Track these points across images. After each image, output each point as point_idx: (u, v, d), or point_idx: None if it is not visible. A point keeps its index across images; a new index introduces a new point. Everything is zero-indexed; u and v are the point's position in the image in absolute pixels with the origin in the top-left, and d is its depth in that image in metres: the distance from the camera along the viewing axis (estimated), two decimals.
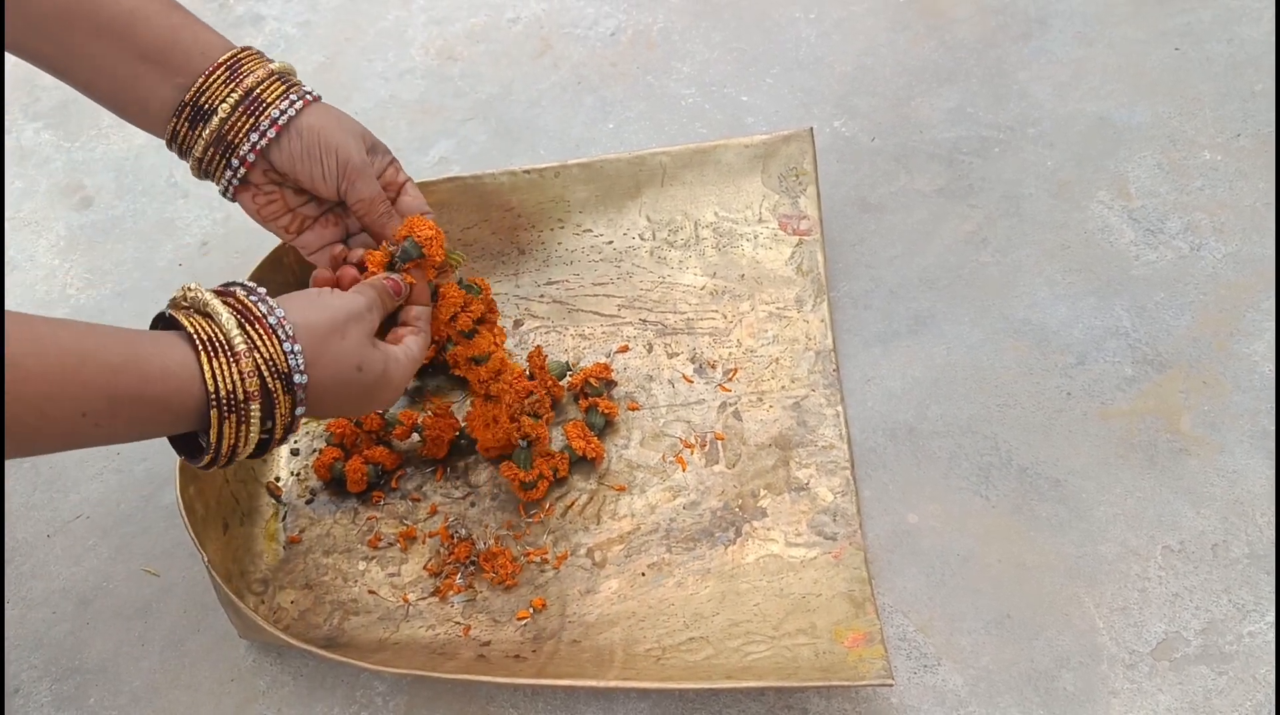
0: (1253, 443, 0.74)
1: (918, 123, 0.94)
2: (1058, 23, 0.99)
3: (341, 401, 0.62)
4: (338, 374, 0.61)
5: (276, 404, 0.57)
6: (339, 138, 0.68)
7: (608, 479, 0.78)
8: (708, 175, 0.87)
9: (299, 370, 0.58)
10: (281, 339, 0.57)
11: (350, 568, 0.75)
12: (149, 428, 0.55)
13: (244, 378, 0.55)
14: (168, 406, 0.54)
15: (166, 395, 0.54)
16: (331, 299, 0.62)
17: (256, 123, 0.66)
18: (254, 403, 0.56)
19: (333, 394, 0.61)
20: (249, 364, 0.56)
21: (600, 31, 1.07)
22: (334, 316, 0.61)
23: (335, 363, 0.60)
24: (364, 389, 0.63)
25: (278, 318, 0.58)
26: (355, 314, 0.62)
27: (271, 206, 0.71)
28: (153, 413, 0.54)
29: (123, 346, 0.53)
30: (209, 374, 0.55)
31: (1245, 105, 0.91)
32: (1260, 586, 0.69)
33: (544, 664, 0.68)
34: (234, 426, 0.56)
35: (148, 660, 0.74)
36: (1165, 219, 0.86)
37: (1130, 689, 0.66)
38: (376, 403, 0.65)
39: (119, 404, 0.52)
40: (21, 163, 1.04)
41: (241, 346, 0.56)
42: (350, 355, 0.61)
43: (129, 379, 0.52)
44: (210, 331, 0.56)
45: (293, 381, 0.57)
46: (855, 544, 0.72)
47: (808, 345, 0.81)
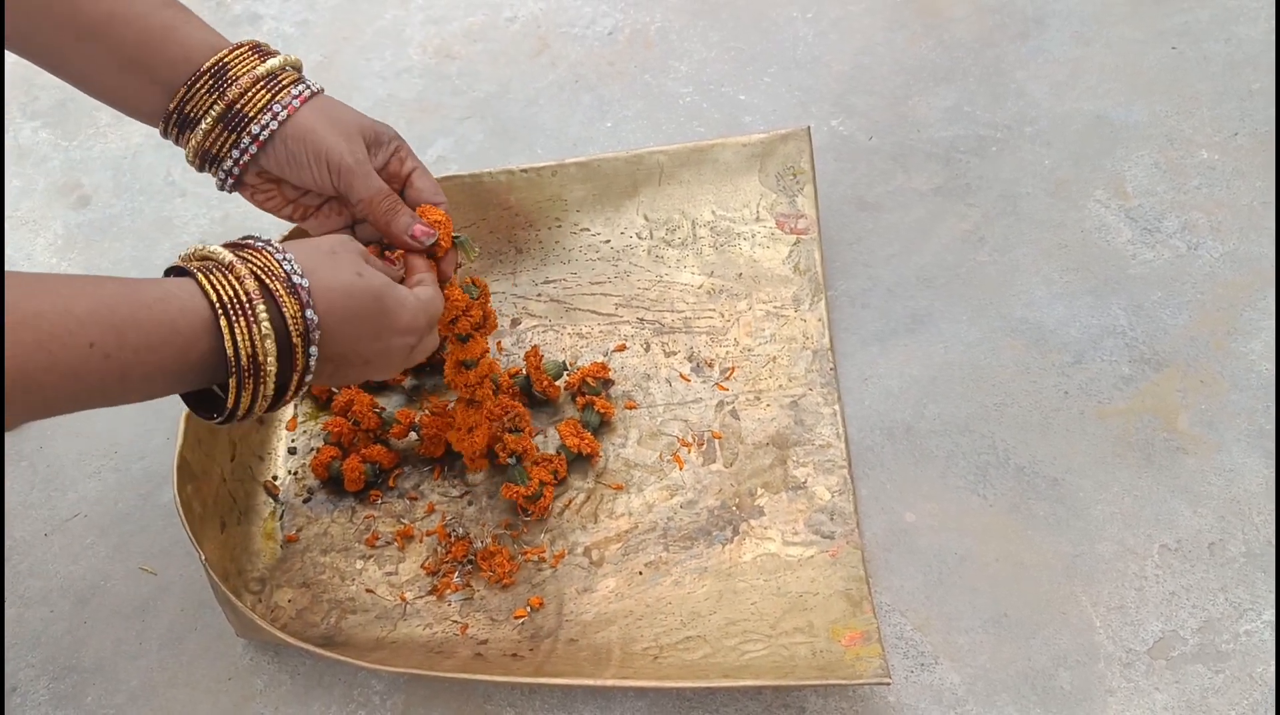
0: (1250, 441, 0.74)
1: (915, 122, 0.95)
2: (1055, 22, 0.99)
3: (354, 316, 0.60)
4: (339, 279, 0.59)
5: (283, 304, 0.56)
6: (329, 141, 0.66)
7: (605, 478, 0.78)
8: (705, 174, 0.87)
9: (296, 272, 0.57)
10: (274, 252, 0.57)
11: (348, 566, 0.75)
12: (164, 357, 0.53)
13: (242, 281, 0.55)
14: (175, 328, 0.53)
15: (171, 315, 0.53)
16: (320, 237, 0.63)
17: (238, 139, 0.65)
18: (258, 303, 0.55)
19: (341, 304, 0.59)
20: (244, 270, 0.55)
21: (598, 30, 1.07)
22: (321, 241, 0.61)
23: (332, 272, 0.59)
24: (374, 303, 0.60)
25: (265, 240, 0.58)
26: (341, 238, 0.62)
27: (271, 202, 0.70)
28: (162, 336, 0.53)
29: (115, 282, 0.53)
30: (207, 286, 0.54)
31: (1242, 104, 0.91)
32: (1257, 585, 0.69)
33: (541, 663, 0.68)
34: (246, 330, 0.55)
35: (145, 659, 0.74)
36: (1162, 218, 0.86)
37: (1127, 688, 0.66)
38: (392, 333, 0.62)
39: (124, 331, 0.51)
40: (19, 161, 1.04)
41: (232, 258, 0.56)
42: (346, 265, 0.60)
43: (128, 306, 0.52)
44: (202, 263, 0.56)
45: (293, 282, 0.56)
46: (852, 543, 0.72)
47: (805, 344, 0.81)
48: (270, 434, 0.82)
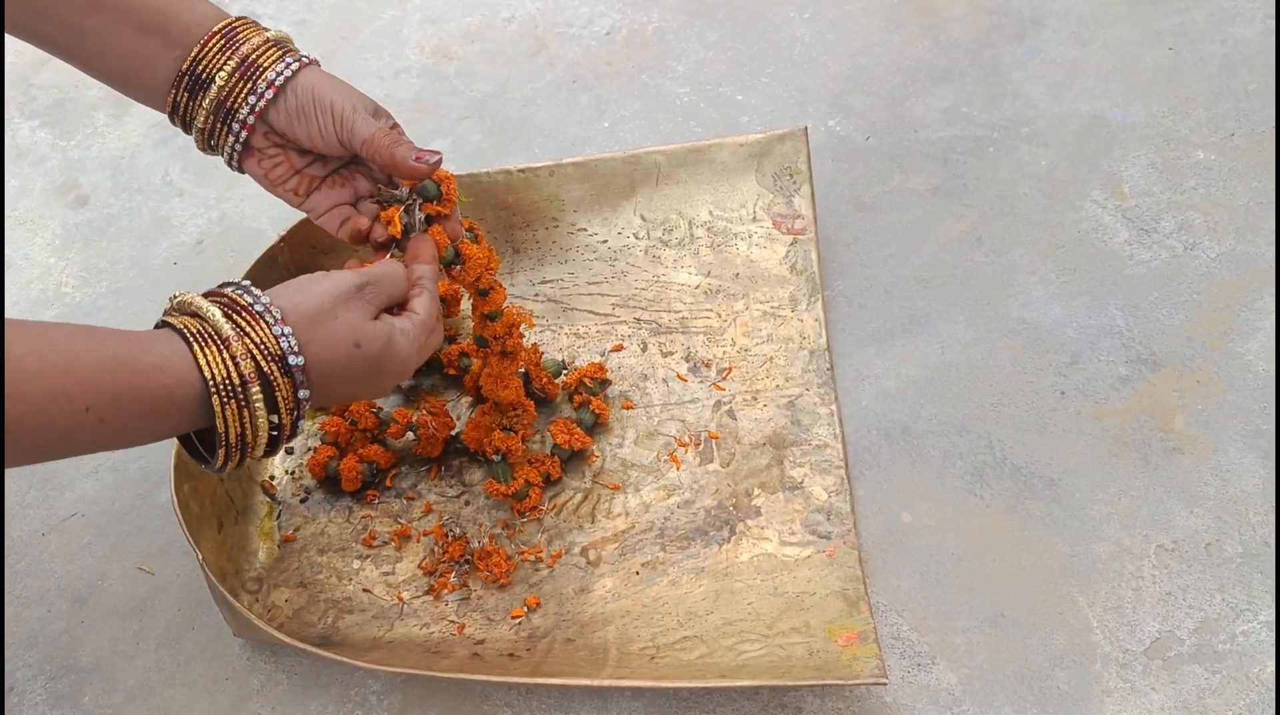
0: (1246, 442, 0.74)
1: (912, 122, 0.95)
2: (1052, 22, 0.99)
3: (350, 382, 0.62)
4: (336, 353, 0.60)
5: (276, 387, 0.57)
6: (334, 94, 0.68)
7: (602, 478, 0.78)
8: (702, 174, 0.87)
9: (292, 351, 0.57)
10: (271, 323, 0.57)
11: (345, 566, 0.75)
12: (157, 423, 0.55)
13: (237, 362, 0.56)
14: (170, 399, 0.55)
15: (167, 387, 0.54)
16: (321, 281, 0.62)
17: (254, 86, 0.67)
18: (253, 386, 0.56)
19: (338, 375, 0.60)
20: (240, 348, 0.56)
21: (595, 30, 1.07)
22: (321, 299, 0.60)
23: (330, 342, 0.60)
24: (370, 365, 0.62)
25: (264, 304, 0.58)
26: (344, 293, 0.61)
27: (278, 169, 0.71)
28: (156, 405, 0.54)
29: (117, 342, 0.54)
30: (203, 362, 0.55)
31: (1239, 105, 0.91)
32: (1253, 585, 0.69)
33: (538, 663, 0.68)
34: (237, 413, 0.56)
35: (142, 658, 0.74)
36: (1159, 218, 0.86)
37: (1124, 688, 0.66)
38: (390, 377, 0.64)
39: (121, 398, 0.53)
40: (17, 161, 1.04)
41: (229, 332, 0.56)
42: (345, 333, 0.60)
43: (128, 373, 0.53)
44: (199, 326, 0.57)
45: (288, 363, 0.57)
46: (849, 543, 0.72)
47: (802, 344, 0.81)
48: None
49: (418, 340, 0.64)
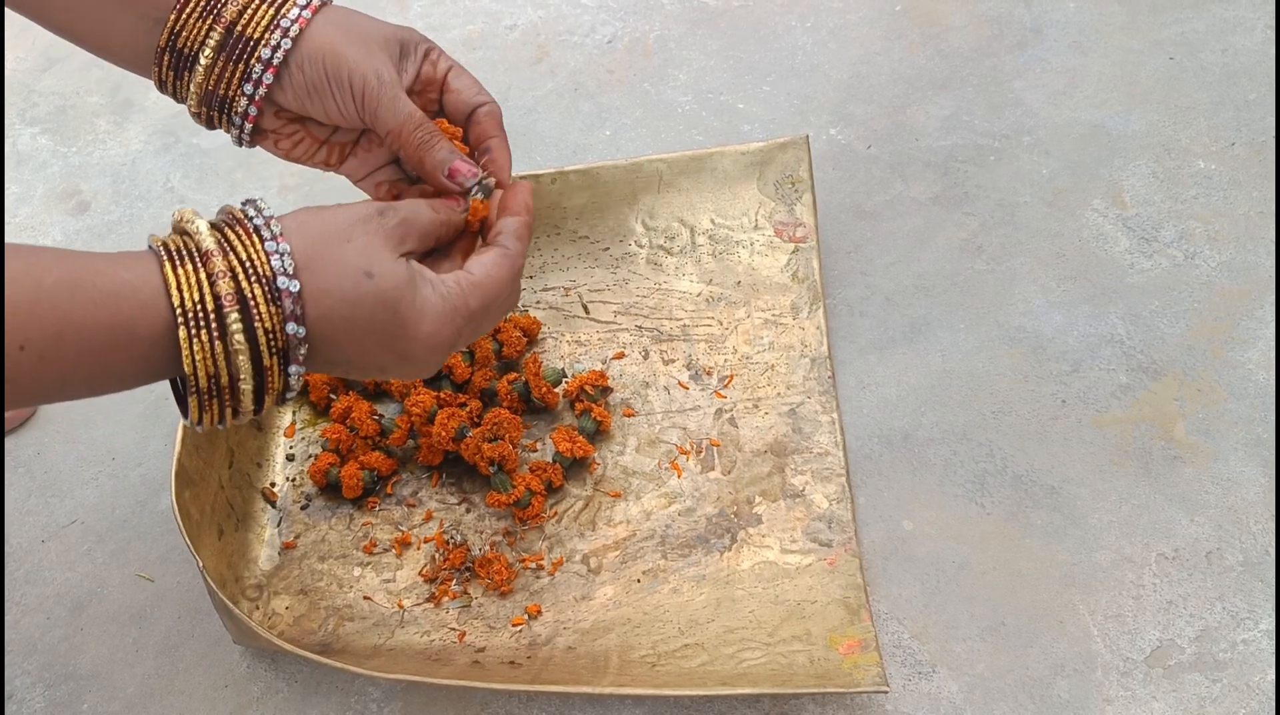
0: (1247, 450, 0.74)
1: (913, 130, 0.95)
2: (1053, 32, 1.00)
3: (356, 332, 0.49)
4: (342, 282, 0.48)
5: (257, 315, 0.46)
6: (351, 57, 0.55)
7: (603, 485, 0.78)
8: (704, 182, 0.87)
9: (285, 272, 0.47)
10: (265, 238, 0.47)
11: (345, 573, 0.75)
12: (117, 363, 0.45)
13: (214, 281, 0.46)
14: (130, 331, 0.45)
15: (127, 316, 0.45)
16: (339, 208, 0.51)
17: (248, 69, 0.55)
18: (229, 311, 0.46)
19: (341, 314, 0.49)
20: (221, 265, 0.46)
21: (597, 39, 1.07)
22: (334, 219, 0.50)
23: (337, 269, 0.48)
24: (386, 311, 0.49)
25: (264, 218, 0.48)
26: (363, 215, 0.51)
27: (299, 147, 0.60)
28: (113, 339, 0.45)
29: (66, 263, 0.44)
30: (171, 282, 0.45)
31: (1239, 114, 0.91)
32: (1254, 594, 0.69)
33: (539, 670, 0.68)
34: (207, 346, 0.46)
35: (142, 666, 0.74)
36: (1160, 227, 0.86)
37: (1125, 696, 0.66)
38: (411, 341, 0.51)
39: (65, 333, 0.43)
40: (18, 167, 1.04)
41: (211, 246, 0.47)
42: (355, 258, 0.49)
43: (74, 300, 0.44)
44: (180, 242, 0.47)
45: (277, 286, 0.47)
46: (850, 551, 0.72)
47: (803, 352, 0.82)
48: (268, 441, 0.82)
49: (456, 300, 0.52)
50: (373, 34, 0.57)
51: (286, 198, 0.98)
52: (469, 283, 0.53)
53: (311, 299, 0.48)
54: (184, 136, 1.04)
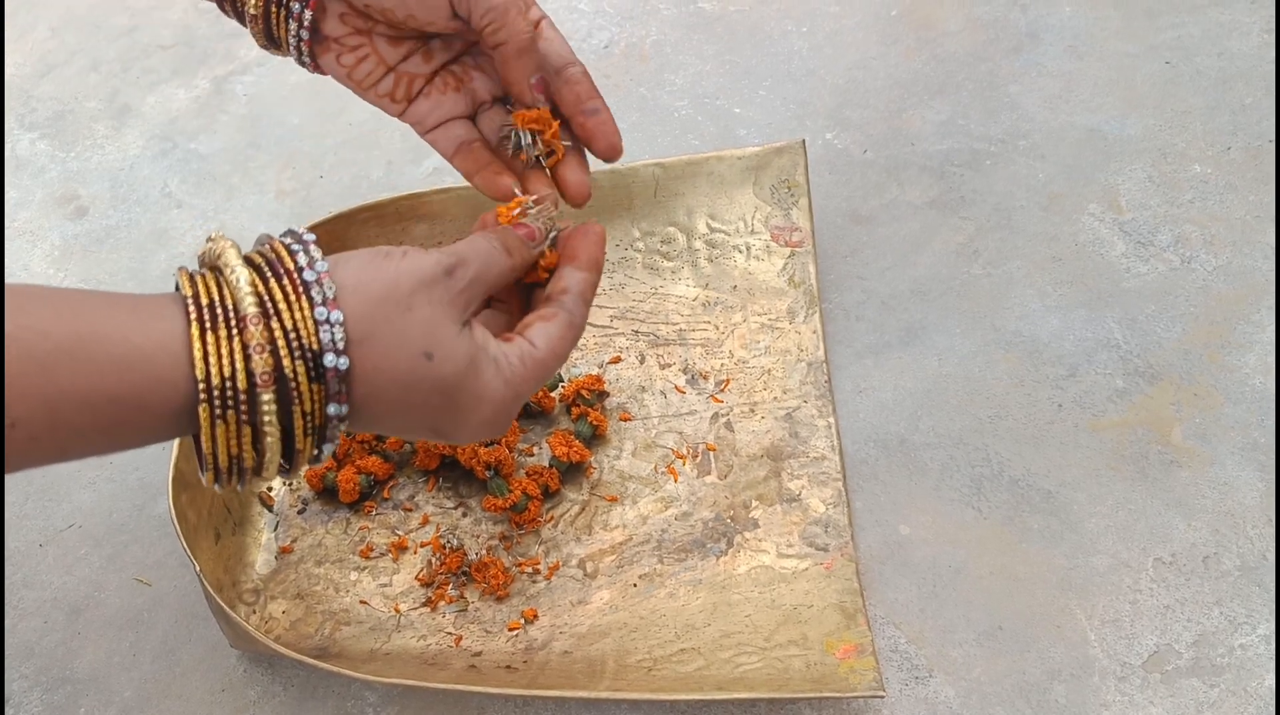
0: (1244, 455, 0.74)
1: (909, 135, 0.95)
2: (1048, 36, 1.00)
3: (407, 410, 0.44)
4: (398, 363, 0.42)
5: (297, 396, 0.40)
6: None
7: (599, 490, 0.78)
8: (700, 187, 0.87)
9: (334, 348, 0.40)
10: (315, 302, 0.40)
11: (342, 578, 0.75)
12: (118, 435, 0.39)
13: (249, 353, 0.39)
14: (140, 404, 0.38)
15: (137, 389, 0.38)
16: (398, 259, 0.44)
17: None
18: (264, 392, 0.40)
19: (392, 396, 0.43)
20: (260, 335, 0.40)
21: (594, 44, 1.07)
22: (395, 280, 0.43)
23: (394, 344, 0.42)
24: (440, 394, 0.44)
25: (317, 273, 0.41)
26: (427, 277, 0.44)
27: (363, 65, 0.53)
28: (116, 414, 0.38)
29: (64, 325, 0.37)
30: (198, 353, 0.39)
31: (1235, 118, 0.91)
32: (1252, 599, 0.69)
33: (535, 675, 0.68)
34: (233, 429, 0.40)
35: (139, 670, 0.74)
36: (1156, 231, 0.86)
37: (1122, 701, 0.66)
38: (464, 422, 0.46)
39: (61, 408, 0.37)
40: (17, 172, 1.04)
41: (252, 309, 0.40)
42: (416, 335, 0.42)
43: (73, 370, 0.37)
44: (213, 290, 0.40)
45: (324, 363, 0.40)
46: (847, 555, 0.72)
47: (800, 356, 0.82)
48: None
49: (520, 383, 0.47)
50: None
51: (284, 202, 0.98)
52: (533, 360, 0.47)
53: (360, 378, 0.42)
54: (181, 142, 1.04)
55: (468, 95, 0.55)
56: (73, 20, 1.16)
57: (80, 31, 1.15)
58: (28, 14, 1.17)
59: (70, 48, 1.13)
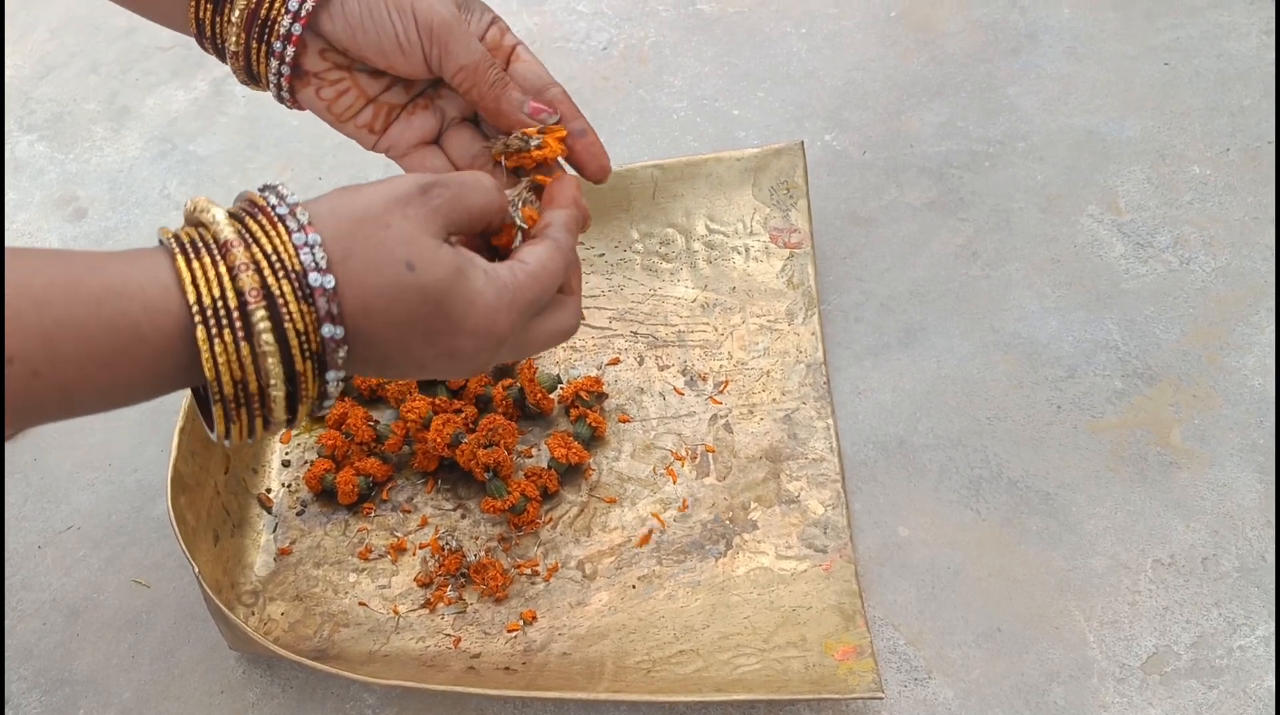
0: (1243, 456, 0.74)
1: (908, 136, 0.95)
2: (1047, 38, 1.00)
3: (397, 324, 0.44)
4: (380, 275, 0.43)
5: (287, 315, 0.41)
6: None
7: (598, 491, 0.78)
8: (699, 188, 0.87)
9: (317, 267, 0.41)
10: (292, 228, 0.42)
11: (341, 579, 0.75)
12: (119, 369, 0.40)
13: (235, 274, 0.40)
14: (137, 333, 0.39)
15: (131, 319, 0.39)
16: (374, 185, 0.45)
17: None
18: (255, 308, 0.40)
19: (380, 309, 0.43)
20: (242, 257, 0.41)
21: (592, 45, 1.07)
22: (370, 201, 0.44)
23: (374, 258, 0.43)
24: (430, 305, 0.44)
25: (289, 205, 0.43)
26: (402, 195, 0.44)
27: (343, 99, 0.54)
28: (114, 342, 0.39)
29: (55, 265, 0.39)
30: (186, 278, 0.40)
31: (1234, 120, 0.92)
32: (1251, 600, 0.69)
33: (534, 676, 0.68)
34: (232, 347, 0.40)
35: (137, 672, 0.74)
36: (1155, 233, 0.86)
37: (1121, 703, 0.66)
38: (460, 335, 0.45)
39: (58, 340, 0.38)
40: (16, 174, 1.04)
41: (231, 235, 0.41)
42: (395, 247, 0.43)
43: (69, 300, 0.38)
44: (194, 234, 0.42)
45: (309, 282, 0.41)
46: (846, 557, 0.72)
47: (798, 358, 0.82)
48: (264, 447, 0.82)
49: (514, 293, 0.46)
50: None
51: None
52: (524, 272, 0.47)
53: (349, 293, 0.42)
54: (180, 143, 1.04)
55: (437, 113, 0.56)
56: (72, 22, 1.17)
57: (79, 33, 1.15)
58: (27, 15, 1.17)
59: (69, 49, 1.13)
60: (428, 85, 0.56)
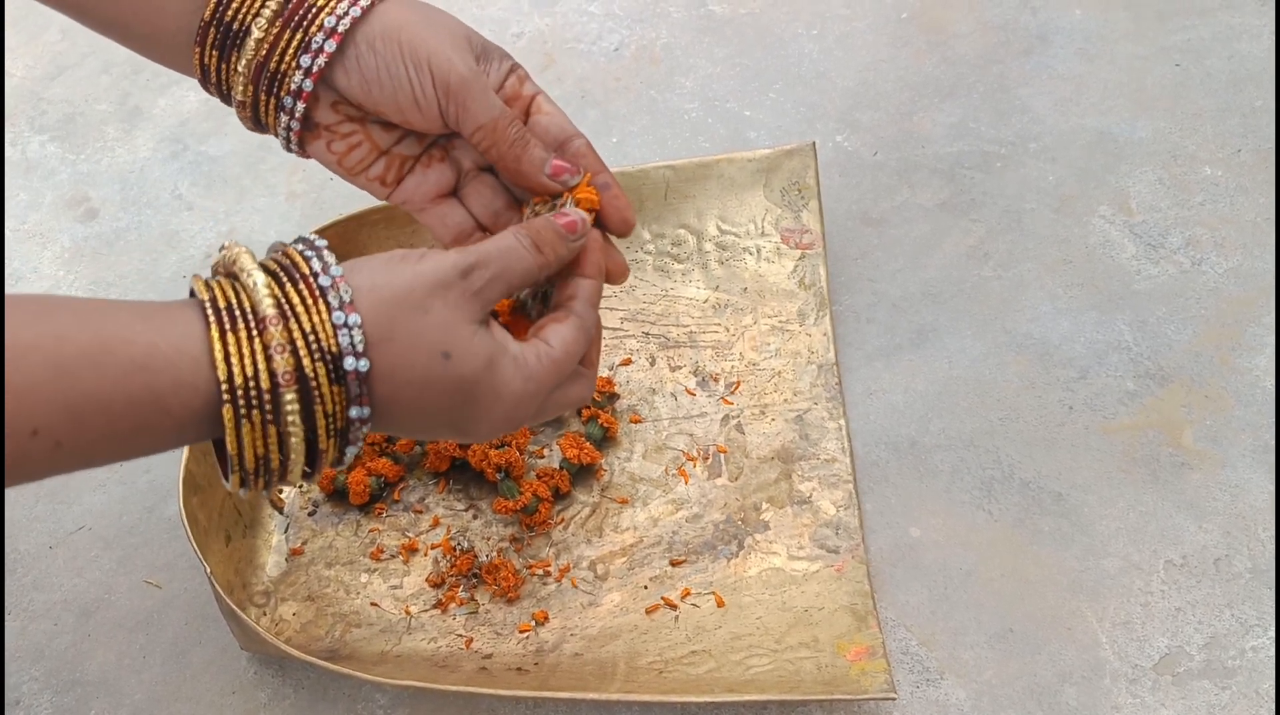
0: (1255, 457, 0.74)
1: (920, 137, 0.95)
2: (1059, 39, 1.00)
3: (425, 411, 0.44)
4: (415, 362, 0.43)
5: (319, 397, 0.41)
6: (432, 41, 0.49)
7: (610, 492, 0.78)
8: (710, 189, 0.87)
9: (353, 351, 0.41)
10: (333, 306, 0.41)
11: (352, 580, 0.75)
12: (141, 439, 0.40)
13: (270, 354, 0.40)
14: (160, 406, 0.39)
15: (158, 392, 0.38)
16: (414, 261, 0.44)
17: (306, 38, 0.48)
18: (286, 392, 0.40)
19: (409, 396, 0.43)
20: (279, 336, 0.40)
21: (604, 46, 1.07)
22: (411, 283, 0.43)
23: (411, 345, 0.42)
24: (460, 393, 0.44)
25: (333, 277, 0.42)
26: (443, 279, 0.44)
27: (355, 153, 0.53)
28: (139, 417, 0.38)
29: (86, 329, 0.38)
30: (219, 354, 0.39)
31: (1246, 121, 0.91)
32: (1263, 601, 0.69)
33: (546, 677, 0.68)
34: (258, 428, 0.40)
35: (149, 672, 0.74)
36: (1166, 234, 0.86)
37: (1133, 703, 0.66)
38: (485, 421, 0.46)
39: (83, 413, 0.37)
40: (27, 174, 1.05)
41: (271, 311, 0.40)
42: (433, 335, 0.43)
43: (96, 374, 0.37)
44: (229, 294, 0.41)
45: (343, 366, 0.41)
46: (858, 557, 0.72)
47: (810, 358, 0.82)
48: None
49: (540, 381, 0.47)
50: (453, 25, 0.51)
51: (294, 204, 0.98)
52: (549, 359, 0.47)
53: (381, 377, 0.42)
54: (192, 144, 1.04)
55: (453, 164, 0.55)
56: None
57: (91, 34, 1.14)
58: (40, 16, 1.17)
59: (81, 50, 1.14)
60: (436, 139, 0.55)
